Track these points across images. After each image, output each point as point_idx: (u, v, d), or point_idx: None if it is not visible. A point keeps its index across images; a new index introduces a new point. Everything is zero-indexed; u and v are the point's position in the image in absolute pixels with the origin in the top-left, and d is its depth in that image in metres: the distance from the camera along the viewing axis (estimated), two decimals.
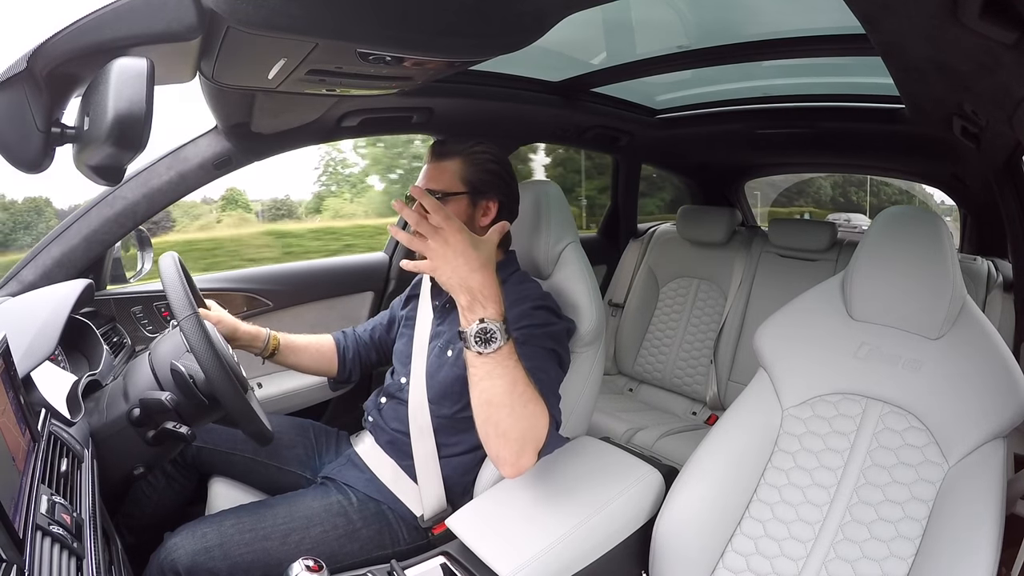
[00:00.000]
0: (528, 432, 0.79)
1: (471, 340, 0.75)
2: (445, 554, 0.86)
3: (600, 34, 1.40)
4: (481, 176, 1.04)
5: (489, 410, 0.78)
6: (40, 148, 0.67)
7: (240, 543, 0.92)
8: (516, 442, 0.79)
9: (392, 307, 1.30)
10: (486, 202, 1.05)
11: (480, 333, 0.75)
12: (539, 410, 0.79)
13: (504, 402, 0.77)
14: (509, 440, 0.79)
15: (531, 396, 0.79)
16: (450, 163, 1.04)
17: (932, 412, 0.88)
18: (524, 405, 0.78)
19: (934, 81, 0.91)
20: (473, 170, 1.04)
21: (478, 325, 0.75)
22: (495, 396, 0.77)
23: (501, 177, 1.06)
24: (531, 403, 0.78)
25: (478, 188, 1.04)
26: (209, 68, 0.87)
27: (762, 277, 2.09)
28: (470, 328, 0.75)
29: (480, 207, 1.05)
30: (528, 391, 0.78)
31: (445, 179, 1.03)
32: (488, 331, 0.75)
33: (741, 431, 0.99)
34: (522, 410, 0.78)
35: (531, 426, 0.79)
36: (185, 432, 0.84)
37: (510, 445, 0.79)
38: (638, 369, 2.27)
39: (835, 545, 0.88)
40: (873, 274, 0.96)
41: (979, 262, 1.73)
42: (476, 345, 0.75)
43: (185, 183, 1.29)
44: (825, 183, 8.23)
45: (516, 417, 0.78)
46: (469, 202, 1.04)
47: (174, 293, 0.86)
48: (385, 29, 0.76)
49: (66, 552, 0.54)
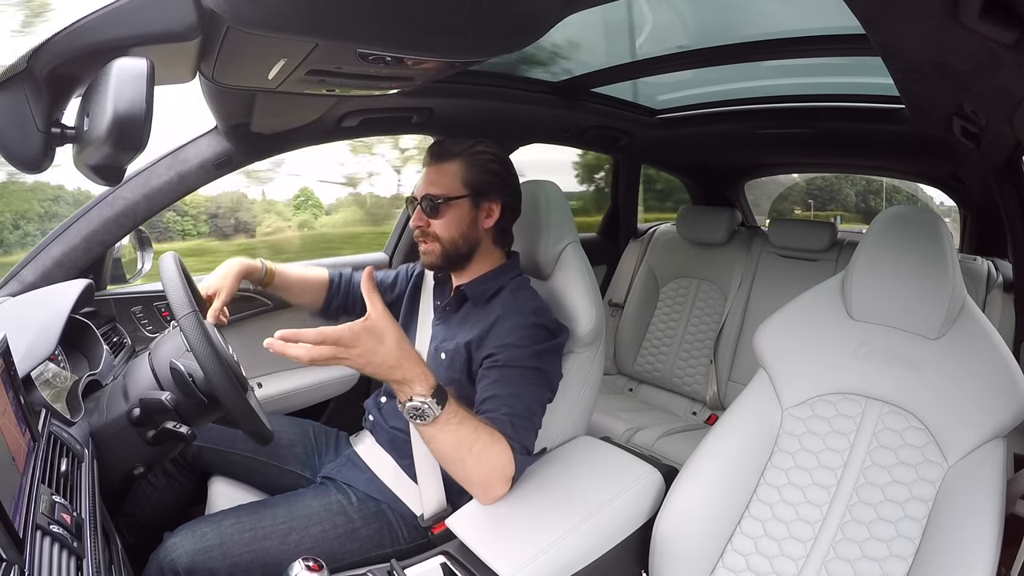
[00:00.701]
0: (489, 474, 0.85)
1: (406, 414, 0.79)
2: (445, 554, 0.86)
3: (600, 34, 1.40)
4: (483, 177, 1.03)
5: (445, 463, 0.85)
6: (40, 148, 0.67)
7: (240, 543, 0.92)
8: (479, 484, 0.86)
9: (399, 275, 1.29)
10: (488, 204, 1.04)
11: (412, 411, 0.79)
12: (496, 452, 0.84)
13: (455, 458, 0.83)
14: (472, 483, 0.86)
15: (484, 444, 0.83)
16: (450, 165, 1.03)
17: (932, 412, 0.88)
18: (478, 455, 0.83)
19: (934, 81, 0.91)
20: (474, 172, 1.03)
21: (409, 404, 0.78)
22: (445, 455, 0.83)
23: (503, 177, 1.06)
24: (486, 451, 0.83)
25: (480, 190, 1.03)
26: (209, 68, 0.87)
27: (762, 277, 2.09)
28: (404, 406, 0.79)
29: (483, 209, 1.04)
30: (480, 441, 0.83)
31: (445, 182, 1.02)
32: (418, 408, 0.78)
33: (741, 431, 0.99)
34: (476, 460, 0.83)
35: (491, 468, 0.85)
36: (185, 432, 0.84)
37: (474, 487, 0.87)
38: (638, 369, 2.27)
39: (835, 545, 0.88)
40: (873, 274, 0.96)
41: (979, 262, 1.74)
42: (412, 419, 0.79)
43: (185, 183, 1.29)
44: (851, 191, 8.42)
45: (472, 467, 0.83)
46: (471, 205, 1.03)
47: (173, 292, 0.86)
48: (385, 29, 0.76)
49: (66, 552, 0.54)
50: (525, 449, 0.88)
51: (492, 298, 1.04)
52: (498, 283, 1.05)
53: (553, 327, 1.00)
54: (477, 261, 1.07)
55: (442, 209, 1.02)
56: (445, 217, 1.02)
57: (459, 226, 1.03)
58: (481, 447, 0.82)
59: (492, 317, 0.99)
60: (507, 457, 0.85)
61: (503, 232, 1.08)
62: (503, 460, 0.85)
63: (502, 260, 1.09)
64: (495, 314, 0.99)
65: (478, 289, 1.05)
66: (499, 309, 1.00)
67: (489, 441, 0.83)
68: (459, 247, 1.04)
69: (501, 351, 0.93)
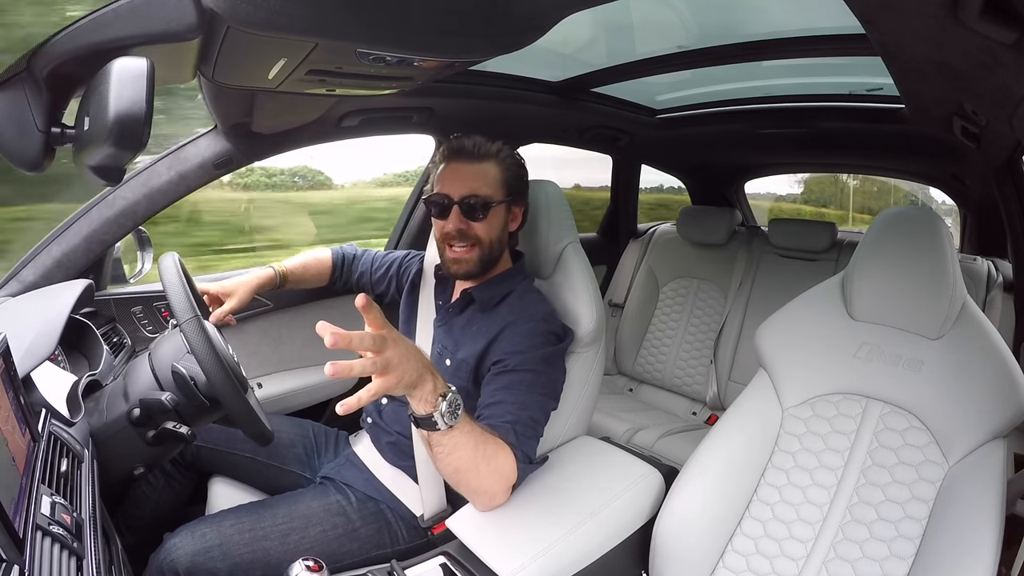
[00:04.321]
0: (496, 484, 0.85)
1: (442, 419, 0.74)
2: (445, 554, 0.86)
3: (600, 34, 1.40)
4: (514, 182, 1.01)
5: (458, 476, 0.83)
6: (40, 148, 0.67)
7: (240, 543, 0.92)
8: (485, 494, 0.86)
9: (391, 268, 1.27)
10: (516, 208, 1.03)
11: (448, 406, 0.74)
12: (503, 459, 0.83)
13: (470, 466, 0.81)
14: (479, 494, 0.86)
15: (493, 449, 0.82)
16: (488, 166, 0.99)
17: (932, 412, 0.88)
18: (489, 461, 0.82)
19: (934, 81, 0.91)
20: (509, 175, 1.01)
21: (444, 401, 0.74)
22: (462, 463, 0.80)
23: (526, 182, 1.05)
24: (494, 457, 0.82)
25: (513, 193, 1.01)
26: (209, 68, 0.87)
27: (762, 277, 2.09)
28: (439, 409, 0.73)
29: (512, 214, 1.03)
30: (490, 445, 0.82)
31: (489, 183, 0.98)
32: (452, 402, 0.74)
33: (741, 431, 0.99)
34: (487, 466, 0.82)
35: (499, 477, 0.84)
36: (185, 432, 0.84)
37: (480, 497, 0.86)
38: (638, 369, 2.27)
39: (835, 545, 0.88)
40: (873, 274, 0.96)
41: (979, 262, 1.74)
42: (446, 421, 0.74)
43: (185, 183, 1.29)
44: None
45: (483, 475, 0.82)
46: (506, 209, 1.01)
47: (175, 295, 0.86)
48: (385, 29, 0.76)
49: (66, 552, 0.54)
50: (527, 457, 0.88)
51: (500, 302, 1.03)
52: (507, 287, 1.04)
53: (560, 331, 1.00)
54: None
55: (487, 211, 0.98)
56: (489, 220, 0.99)
57: (498, 230, 1.01)
58: (492, 450, 0.82)
59: (501, 323, 0.98)
60: (511, 465, 0.85)
61: (512, 235, 1.08)
62: (509, 466, 0.84)
63: (508, 263, 1.09)
64: (504, 320, 0.98)
65: (487, 293, 1.03)
66: (508, 315, 0.99)
67: (496, 444, 0.83)
68: (495, 252, 1.02)
69: (510, 357, 0.93)
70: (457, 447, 0.78)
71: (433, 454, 0.80)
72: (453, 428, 0.75)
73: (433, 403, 0.73)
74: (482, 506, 0.88)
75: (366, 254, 1.34)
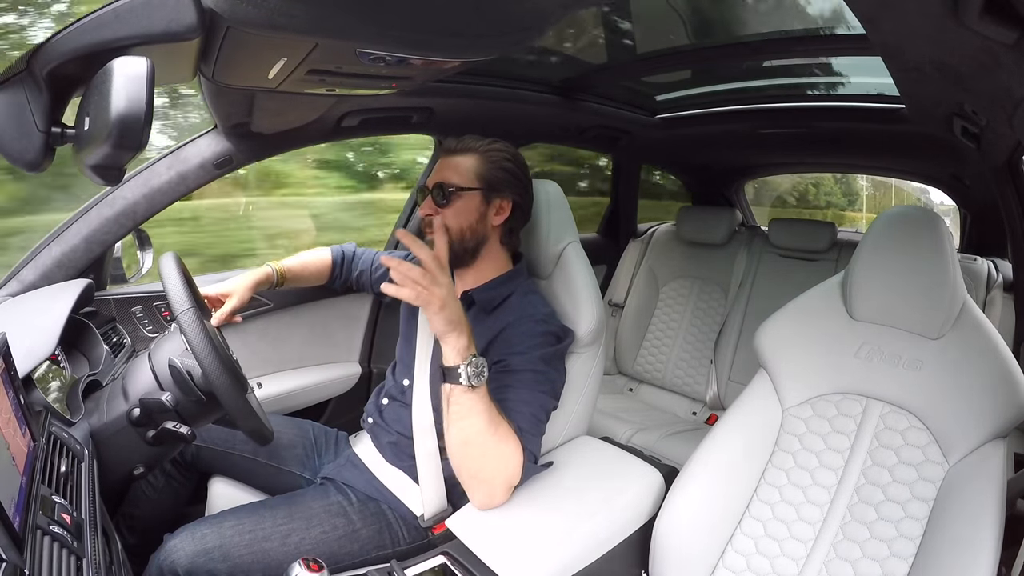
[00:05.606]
0: (500, 473, 0.85)
1: (465, 375, 0.79)
2: (445, 554, 0.86)
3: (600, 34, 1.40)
4: (496, 174, 1.03)
5: (465, 450, 0.83)
6: (40, 148, 0.67)
7: (240, 544, 0.92)
8: (487, 483, 0.86)
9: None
10: (500, 200, 1.03)
11: (474, 366, 0.79)
12: (512, 449, 0.84)
13: (479, 440, 0.82)
14: (481, 481, 0.86)
15: (505, 434, 0.83)
16: (465, 158, 1.03)
17: (932, 412, 0.88)
18: (497, 444, 0.82)
19: (934, 81, 0.91)
20: (489, 167, 1.02)
21: (473, 358, 0.79)
22: (472, 435, 0.82)
23: (517, 177, 1.05)
24: (504, 442, 0.83)
25: (492, 186, 1.02)
26: (209, 68, 0.87)
27: (762, 277, 2.09)
28: (465, 363, 0.79)
29: (493, 205, 1.03)
30: (502, 429, 0.83)
31: (460, 173, 1.02)
32: (480, 364, 0.80)
33: (741, 431, 0.99)
34: (495, 449, 0.82)
35: (504, 466, 0.85)
36: (185, 432, 0.84)
37: (482, 486, 0.86)
38: (638, 369, 2.27)
39: (836, 545, 0.88)
40: (873, 274, 0.96)
41: (979, 262, 1.74)
42: (471, 380, 0.79)
43: (185, 183, 1.29)
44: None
45: (489, 458, 0.83)
46: (482, 199, 1.02)
47: (172, 289, 0.86)
48: (385, 29, 0.76)
49: (66, 552, 0.54)
50: (532, 456, 0.88)
51: (500, 304, 1.03)
52: (507, 290, 1.04)
53: (560, 332, 1.00)
54: (483, 260, 1.05)
55: (452, 198, 1.00)
56: (454, 207, 1.01)
57: (468, 218, 1.02)
58: (503, 434, 0.83)
59: (501, 324, 0.98)
60: (518, 458, 0.85)
61: (511, 232, 1.07)
62: (515, 459, 0.85)
63: (509, 265, 1.08)
64: (504, 320, 0.98)
65: (487, 295, 1.04)
66: (508, 316, 0.99)
67: (509, 431, 0.84)
68: (466, 240, 1.03)
69: (510, 357, 0.93)
70: (473, 412, 0.81)
71: (448, 415, 0.83)
72: (475, 390, 0.79)
73: (464, 356, 0.80)
74: (480, 501, 0.88)
75: (366, 252, 1.34)
